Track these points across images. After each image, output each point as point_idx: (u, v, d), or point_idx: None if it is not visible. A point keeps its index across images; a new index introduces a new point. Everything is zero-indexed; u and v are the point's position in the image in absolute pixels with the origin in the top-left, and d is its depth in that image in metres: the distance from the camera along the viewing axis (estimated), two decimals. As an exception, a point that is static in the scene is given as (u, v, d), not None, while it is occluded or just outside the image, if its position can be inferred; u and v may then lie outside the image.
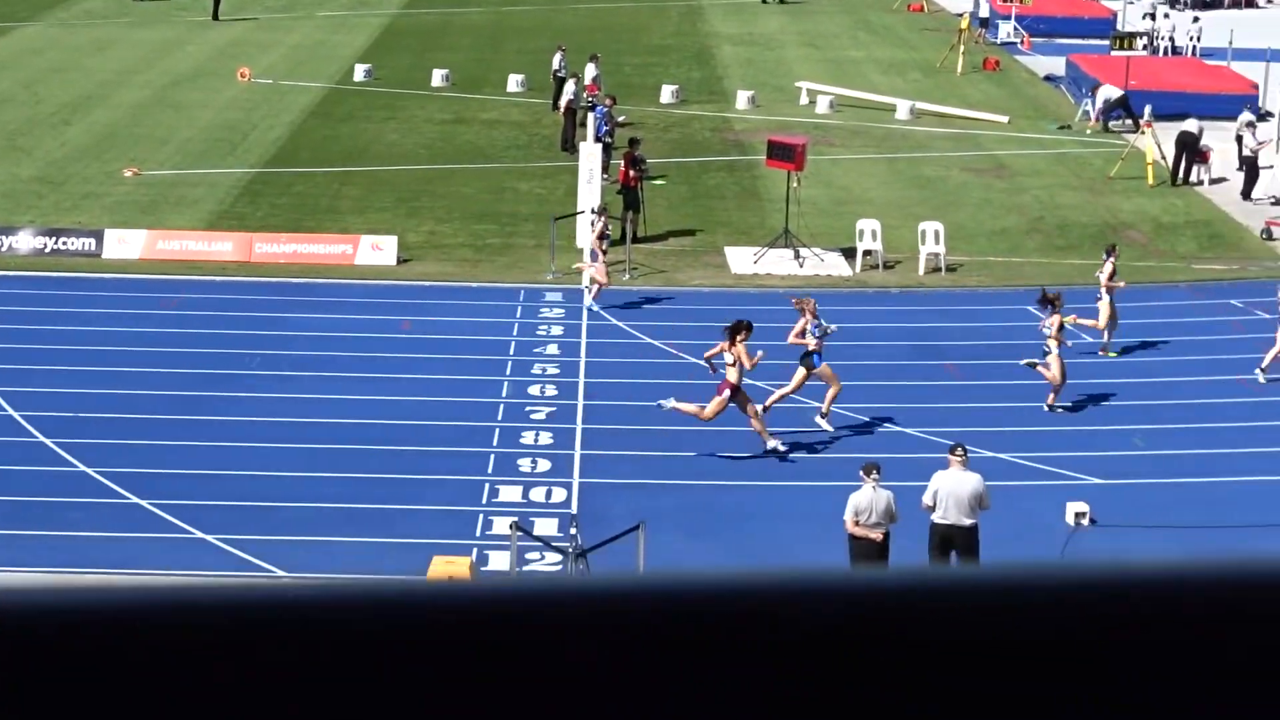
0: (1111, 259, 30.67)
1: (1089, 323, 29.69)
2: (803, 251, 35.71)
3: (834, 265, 35.81)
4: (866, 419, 26.92)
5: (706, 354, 25.87)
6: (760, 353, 24.98)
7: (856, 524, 20.27)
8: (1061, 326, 27.46)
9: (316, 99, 52.64)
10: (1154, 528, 22.82)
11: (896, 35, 69.58)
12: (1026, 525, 22.62)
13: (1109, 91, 49.84)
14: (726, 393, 25.06)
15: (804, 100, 53.37)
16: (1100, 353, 30.24)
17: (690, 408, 25.35)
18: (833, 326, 26.59)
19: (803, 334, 26.35)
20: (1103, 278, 30.43)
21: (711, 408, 25.15)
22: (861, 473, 20.59)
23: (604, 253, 32.92)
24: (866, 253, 35.84)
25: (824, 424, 26.30)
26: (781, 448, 25.17)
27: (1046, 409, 27.46)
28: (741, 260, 36.05)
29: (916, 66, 61.34)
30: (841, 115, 51.72)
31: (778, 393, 26.10)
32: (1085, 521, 22.98)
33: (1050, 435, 26.18)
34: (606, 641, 1.25)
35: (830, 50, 64.82)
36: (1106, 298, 30.29)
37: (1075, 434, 26.36)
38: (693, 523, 22.84)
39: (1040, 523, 22.90)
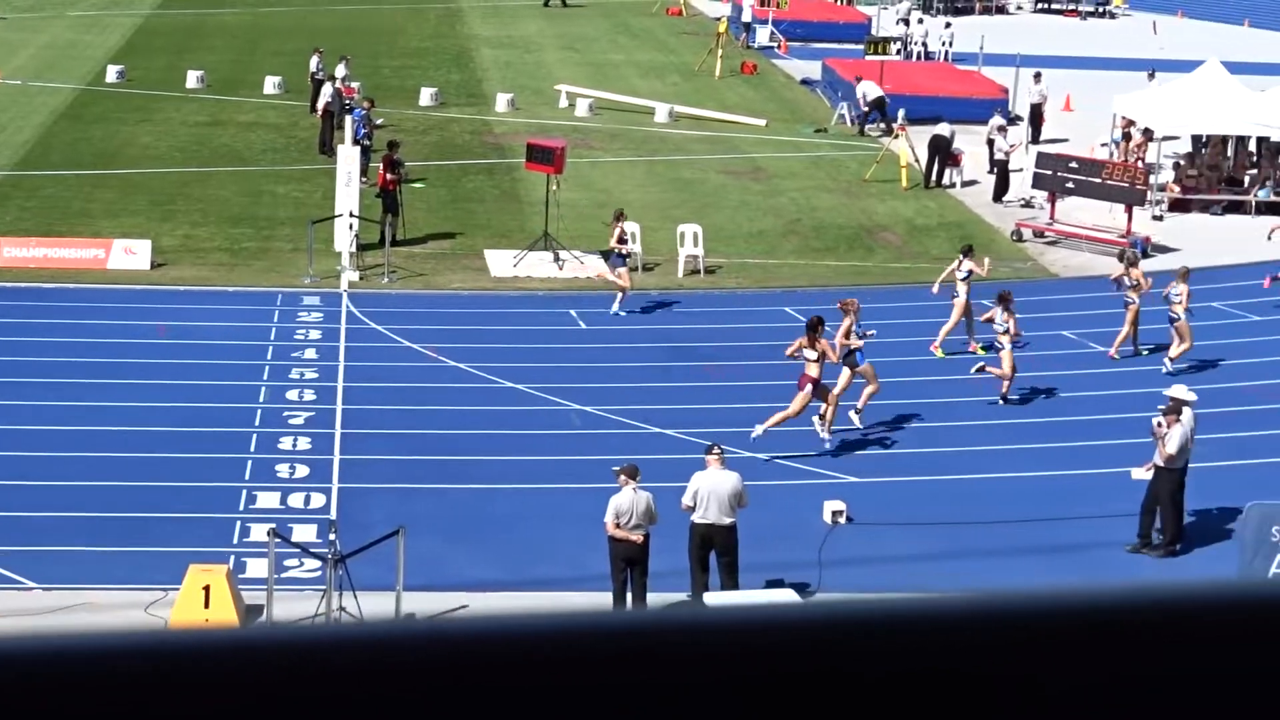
0: (966, 259, 31.32)
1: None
2: (562, 254, 35.75)
3: (594, 267, 35.89)
4: (625, 420, 27.00)
5: (788, 350, 26.21)
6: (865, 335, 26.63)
7: (617, 526, 20.30)
8: (1013, 323, 28.37)
9: (67, 100, 51.63)
10: (909, 525, 23.17)
11: (655, 39, 69.96)
12: (785, 524, 22.84)
13: (867, 87, 50.51)
14: (809, 387, 25.62)
15: (563, 103, 53.46)
16: (932, 348, 30.87)
17: (776, 419, 25.61)
18: (872, 331, 27.24)
19: (848, 334, 26.87)
20: (959, 275, 31.12)
21: (797, 404, 25.62)
22: (621, 475, 20.64)
23: (625, 257, 32.97)
24: (627, 255, 35.94)
25: (857, 419, 26.72)
26: (828, 445, 25.80)
27: (1001, 402, 28.09)
28: (501, 263, 35.99)
29: (675, 70, 61.74)
30: (601, 118, 51.88)
31: (833, 394, 26.13)
32: (842, 519, 23.25)
33: (807, 435, 26.43)
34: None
35: (589, 53, 65.00)
36: (963, 297, 30.95)
37: (831, 433, 26.63)
38: (453, 527, 22.74)
39: (798, 521, 23.13)
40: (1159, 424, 22.99)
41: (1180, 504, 23.16)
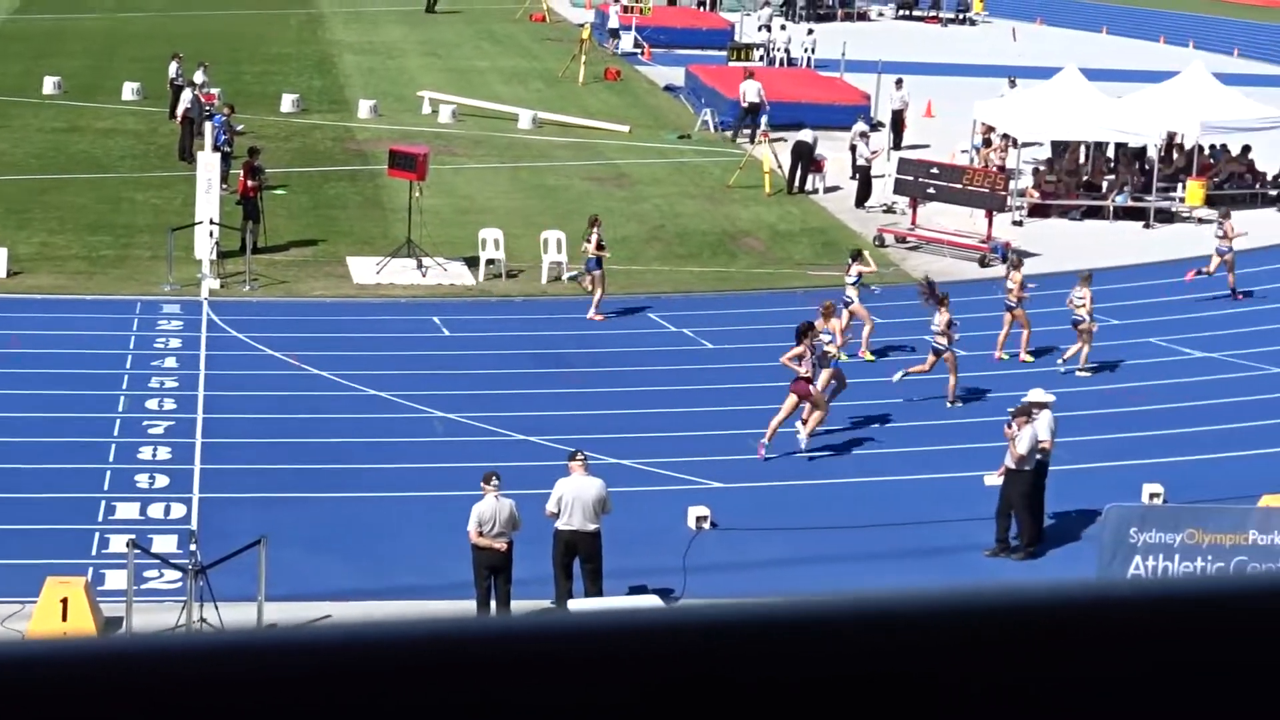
0: (855, 263, 31.56)
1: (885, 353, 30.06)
2: (425, 261, 35.59)
3: (457, 274, 35.77)
4: (489, 427, 26.90)
5: (783, 358, 26.42)
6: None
7: (480, 534, 20.22)
8: (950, 323, 28.56)
9: (-79, 107, 50.82)
10: (773, 530, 23.24)
11: (519, 45, 69.86)
12: (649, 530, 22.84)
13: (748, 88, 50.69)
14: (815, 385, 26.18)
15: (426, 109, 53.26)
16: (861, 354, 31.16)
17: (812, 423, 25.80)
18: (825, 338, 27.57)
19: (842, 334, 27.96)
20: (850, 277, 31.34)
21: (818, 410, 25.97)
22: (483, 482, 20.56)
23: (599, 261, 33.32)
24: (489, 262, 35.87)
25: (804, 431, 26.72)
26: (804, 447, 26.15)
27: (949, 405, 28.50)
28: (364, 270, 35.78)
29: (539, 76, 61.68)
30: (464, 125, 51.73)
31: (817, 396, 26.38)
32: (706, 525, 23.29)
33: (671, 440, 26.47)
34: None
35: (453, 59, 64.81)
36: (856, 302, 31.16)
37: (694, 439, 26.70)
38: (315, 536, 22.55)
39: (663, 527, 23.13)
40: (1009, 427, 23.25)
41: (1038, 506, 23.40)
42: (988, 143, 46.03)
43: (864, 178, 43.68)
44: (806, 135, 45.11)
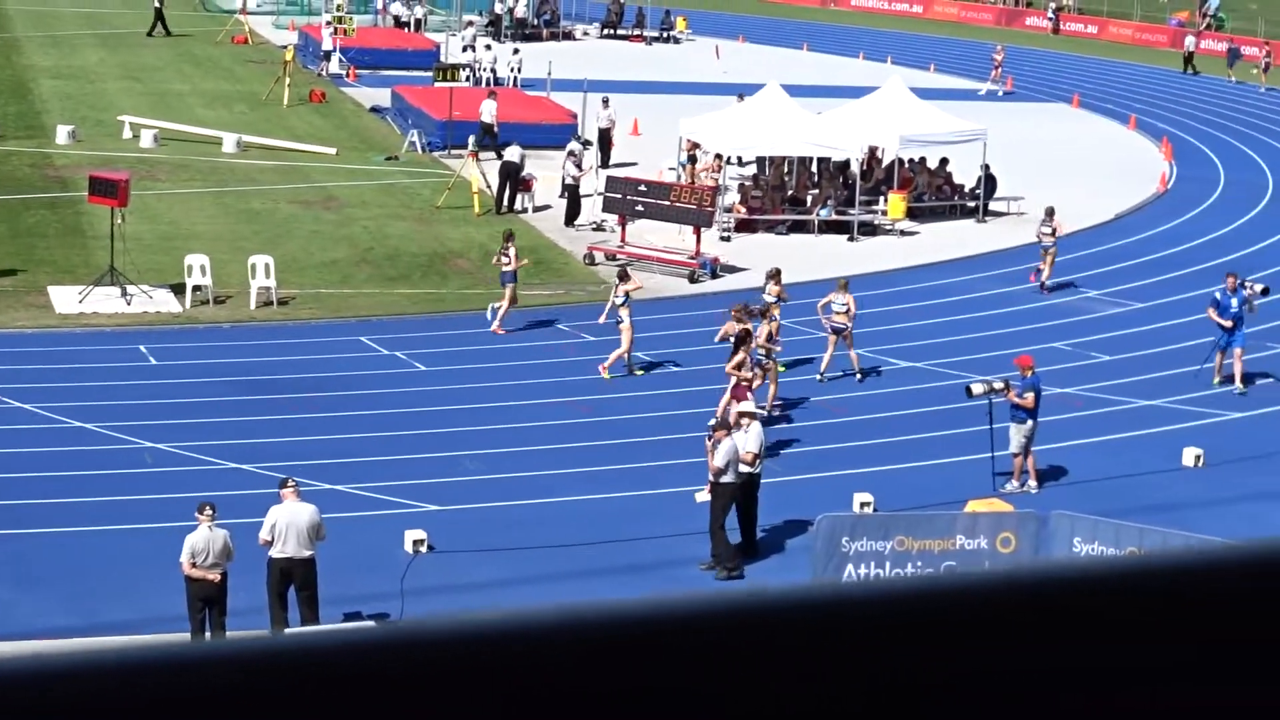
0: (622, 283, 31.56)
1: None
2: (130, 289, 34.93)
3: (163, 302, 35.17)
4: (199, 456, 26.48)
5: (728, 367, 27.55)
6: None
7: (194, 565, 19.90)
8: (770, 336, 29.02)
9: None
10: (491, 551, 23.21)
11: (221, 68, 68.97)
12: (366, 554, 22.68)
13: (486, 108, 50.60)
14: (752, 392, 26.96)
15: (127, 134, 52.31)
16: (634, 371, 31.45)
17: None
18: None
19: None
20: (618, 297, 31.32)
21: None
22: (196, 512, 20.24)
23: (514, 274, 33.77)
24: (196, 288, 35.34)
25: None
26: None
27: (768, 412, 28.64)
28: (66, 300, 35.00)
29: (242, 99, 60.95)
30: (167, 149, 50.90)
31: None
32: (423, 548, 23.18)
33: (386, 464, 26.31)
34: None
35: (153, 83, 63.75)
36: (627, 320, 31.14)
37: (410, 462, 26.57)
38: (20, 572, 22.01)
39: (379, 551, 22.97)
40: (709, 439, 23.55)
41: (748, 519, 23.66)
42: (693, 159, 46.51)
43: (572, 196, 43.87)
44: (514, 154, 45.17)
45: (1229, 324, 31.64)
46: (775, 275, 32.15)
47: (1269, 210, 49.43)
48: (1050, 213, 38.83)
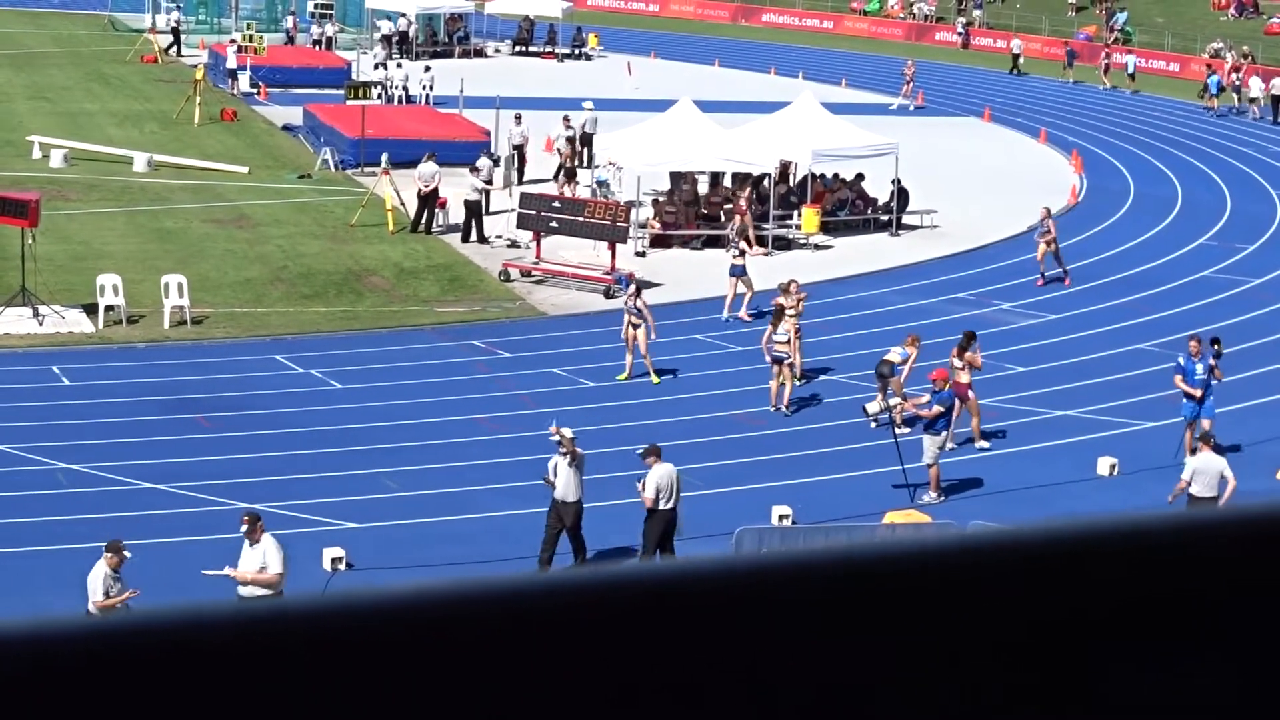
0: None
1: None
2: (42, 309, 34.65)
3: (76, 322, 34.91)
4: (115, 477, 26.28)
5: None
6: None
7: (108, 595, 19.75)
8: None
9: None
10: (409, 567, 23.13)
11: (131, 87, 68.56)
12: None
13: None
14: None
15: (37, 154, 51.92)
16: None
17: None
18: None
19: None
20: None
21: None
22: (108, 551, 19.97)
23: None
24: (109, 308, 35.08)
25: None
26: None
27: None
28: (-23, 321, 34.68)
29: (153, 118, 60.60)
30: (77, 169, 50.55)
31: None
32: (342, 566, 23.09)
33: (303, 482, 26.19)
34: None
35: (62, 103, 63.32)
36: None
37: (327, 480, 26.46)
38: (-65, 597, 21.77)
39: (298, 569, 22.82)
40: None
41: (668, 547, 23.63)
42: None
43: (471, 212, 43.74)
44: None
45: (1198, 392, 28.51)
46: (786, 288, 32.44)
47: (1178, 222, 49.89)
48: (1048, 213, 41.59)
